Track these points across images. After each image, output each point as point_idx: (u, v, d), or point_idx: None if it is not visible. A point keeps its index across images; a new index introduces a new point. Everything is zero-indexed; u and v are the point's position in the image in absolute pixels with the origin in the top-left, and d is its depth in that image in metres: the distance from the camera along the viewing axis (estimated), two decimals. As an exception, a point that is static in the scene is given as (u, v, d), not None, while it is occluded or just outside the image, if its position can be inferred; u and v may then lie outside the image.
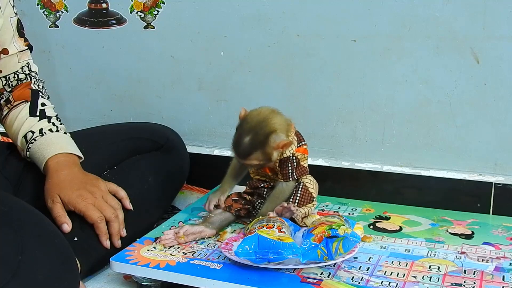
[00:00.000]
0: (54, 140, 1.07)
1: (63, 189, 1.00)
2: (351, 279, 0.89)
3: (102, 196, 1.02)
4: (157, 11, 1.43)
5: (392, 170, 1.29)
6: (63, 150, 1.05)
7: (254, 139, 0.99)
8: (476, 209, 1.22)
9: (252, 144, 0.99)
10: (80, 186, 1.02)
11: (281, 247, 0.88)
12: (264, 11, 1.32)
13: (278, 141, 1.00)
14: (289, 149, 1.04)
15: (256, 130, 0.99)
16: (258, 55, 1.35)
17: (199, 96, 1.43)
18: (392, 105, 1.27)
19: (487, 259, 0.97)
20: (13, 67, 1.11)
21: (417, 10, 1.20)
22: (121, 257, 0.98)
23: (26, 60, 1.13)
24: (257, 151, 1.00)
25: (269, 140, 0.99)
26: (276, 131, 1.00)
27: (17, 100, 1.10)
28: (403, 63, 1.24)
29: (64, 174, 1.02)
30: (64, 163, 1.04)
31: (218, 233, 1.06)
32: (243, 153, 1.00)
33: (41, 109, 1.10)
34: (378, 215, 1.19)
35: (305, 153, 1.07)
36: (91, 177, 1.05)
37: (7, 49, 1.09)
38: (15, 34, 1.10)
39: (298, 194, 1.06)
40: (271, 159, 1.02)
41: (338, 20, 1.27)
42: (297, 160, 1.05)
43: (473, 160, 1.23)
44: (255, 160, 1.01)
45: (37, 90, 1.12)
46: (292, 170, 1.05)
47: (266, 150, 1.00)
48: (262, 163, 1.02)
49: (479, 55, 1.19)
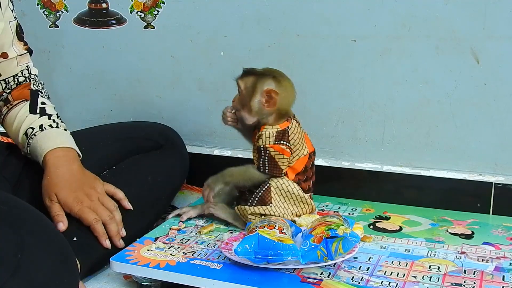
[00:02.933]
0: (54, 135, 1.06)
1: (60, 189, 1.00)
2: (351, 279, 0.89)
3: (98, 198, 1.01)
4: (157, 11, 1.43)
5: (392, 170, 1.29)
6: (63, 145, 1.05)
7: (258, 70, 1.07)
8: (476, 209, 1.22)
9: (254, 70, 1.07)
10: (77, 187, 1.01)
11: (281, 248, 0.88)
12: (264, 11, 1.32)
13: (268, 86, 1.04)
14: (263, 138, 1.05)
15: (265, 70, 1.07)
16: (258, 55, 1.34)
17: (199, 96, 1.43)
18: (392, 105, 1.27)
19: (487, 259, 0.97)
20: (12, 71, 1.11)
21: (417, 10, 1.20)
22: (121, 257, 0.98)
23: (25, 64, 1.13)
24: (252, 76, 1.06)
25: (264, 78, 1.05)
26: (273, 84, 1.04)
27: (16, 100, 1.10)
28: (403, 63, 1.24)
29: (62, 171, 1.02)
30: (64, 158, 1.04)
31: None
32: (244, 70, 1.08)
33: (41, 107, 1.10)
34: (378, 215, 1.19)
35: (280, 152, 1.04)
36: (89, 177, 1.05)
37: (6, 53, 1.09)
38: (14, 38, 1.10)
39: (260, 193, 1.06)
40: (251, 102, 1.04)
41: (338, 20, 1.27)
42: (269, 154, 1.05)
43: (473, 160, 1.23)
44: (243, 83, 1.06)
45: (36, 90, 1.12)
46: (264, 163, 1.05)
47: (256, 84, 1.04)
48: (244, 98, 1.06)
49: (479, 55, 1.19)
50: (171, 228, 1.10)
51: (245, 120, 1.07)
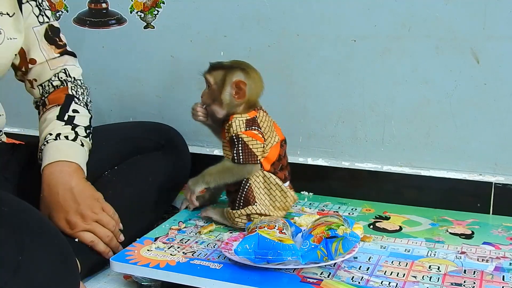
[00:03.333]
0: (64, 147, 1.03)
1: (52, 211, 0.98)
2: (351, 279, 0.89)
3: (96, 220, 0.98)
4: (157, 11, 1.43)
5: (392, 170, 1.29)
6: (65, 158, 1.01)
7: (225, 63, 1.10)
8: (476, 209, 1.22)
9: (221, 64, 1.10)
10: (70, 210, 0.97)
11: (281, 248, 0.88)
12: (264, 11, 1.32)
13: (237, 77, 1.06)
14: (233, 126, 1.06)
15: (233, 62, 1.10)
16: (258, 55, 1.34)
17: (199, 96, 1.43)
18: (392, 105, 1.27)
19: (487, 259, 0.97)
20: (46, 75, 1.11)
21: (417, 10, 1.20)
22: (121, 257, 0.98)
23: (61, 67, 1.12)
24: (220, 70, 1.08)
25: (233, 71, 1.07)
26: (242, 75, 1.07)
27: (51, 104, 1.10)
28: (403, 63, 1.24)
29: (55, 191, 0.98)
30: (60, 175, 0.99)
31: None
32: (211, 65, 1.10)
33: (71, 115, 1.07)
34: (378, 215, 1.19)
35: (253, 137, 1.05)
36: (88, 195, 1.00)
37: (34, 58, 1.09)
38: (42, 42, 1.10)
39: (243, 195, 1.07)
40: (221, 94, 1.06)
41: (338, 20, 1.27)
42: (242, 142, 1.05)
43: (473, 160, 1.23)
44: (212, 77, 1.08)
45: (72, 95, 1.10)
46: (238, 152, 1.05)
47: (226, 77, 1.07)
48: (214, 92, 1.08)
49: (479, 55, 1.19)
50: (171, 228, 1.10)
51: (216, 113, 1.09)
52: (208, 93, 1.10)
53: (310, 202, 1.27)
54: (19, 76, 1.13)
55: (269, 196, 1.08)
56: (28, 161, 1.10)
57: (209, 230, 1.08)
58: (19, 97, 1.17)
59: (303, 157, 1.36)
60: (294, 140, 1.36)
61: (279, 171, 1.10)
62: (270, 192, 1.08)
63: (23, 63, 1.09)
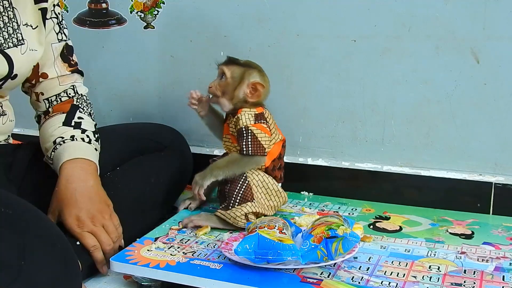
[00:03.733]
0: (82, 147, 1.04)
1: (64, 207, 0.98)
2: (351, 279, 0.89)
3: (103, 225, 0.98)
4: (157, 11, 1.43)
5: (392, 170, 1.29)
6: (85, 156, 1.02)
7: (242, 61, 1.13)
8: (476, 209, 1.22)
9: (239, 60, 1.12)
10: (83, 207, 0.98)
11: (281, 248, 0.88)
12: (264, 11, 1.32)
13: (254, 79, 1.09)
14: (243, 119, 1.07)
15: (248, 62, 1.13)
16: (258, 55, 1.34)
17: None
18: (392, 105, 1.27)
19: (487, 259, 0.97)
20: (54, 90, 1.11)
21: (417, 10, 1.20)
22: (121, 257, 0.98)
23: (70, 83, 1.13)
24: (237, 66, 1.11)
25: (251, 71, 1.10)
26: (259, 77, 1.10)
27: (55, 111, 1.10)
28: (403, 63, 1.24)
29: (72, 187, 0.99)
30: (80, 171, 1.00)
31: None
32: (229, 58, 1.13)
33: (77, 121, 1.08)
34: (378, 215, 1.19)
35: (262, 130, 1.08)
36: (101, 200, 1.01)
37: (46, 73, 1.10)
38: (58, 59, 1.11)
39: (241, 192, 1.07)
40: (236, 90, 1.08)
41: (338, 20, 1.27)
42: (252, 133, 1.06)
43: (473, 160, 1.23)
44: (230, 71, 1.10)
45: (77, 105, 1.12)
46: (247, 143, 1.06)
47: (242, 75, 1.10)
48: (228, 87, 1.10)
49: (479, 55, 1.18)
50: (171, 228, 1.10)
51: (222, 107, 1.11)
52: (220, 84, 1.11)
53: (310, 202, 1.27)
54: (26, 88, 1.14)
55: (265, 195, 1.10)
56: (31, 162, 1.10)
57: (204, 232, 1.07)
58: (19, 98, 1.17)
59: (303, 157, 1.36)
60: (294, 140, 1.36)
61: (277, 170, 1.12)
62: (267, 191, 1.10)
63: (34, 76, 1.10)
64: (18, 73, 1.03)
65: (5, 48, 1.01)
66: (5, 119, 1.09)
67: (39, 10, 1.06)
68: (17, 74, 1.03)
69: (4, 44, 1.01)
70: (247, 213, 1.07)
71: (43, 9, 1.07)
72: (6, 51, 1.01)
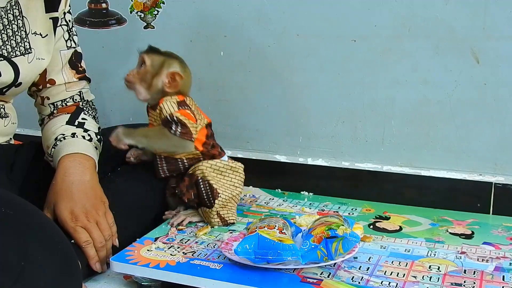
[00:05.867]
0: (81, 143, 1.04)
1: (59, 200, 0.98)
2: (351, 279, 0.89)
3: (96, 221, 0.97)
4: (157, 11, 1.43)
5: (392, 170, 1.29)
6: (85, 152, 1.02)
7: (164, 51, 1.11)
8: (476, 209, 1.22)
9: (160, 50, 1.11)
10: (78, 201, 0.97)
11: (281, 249, 0.88)
12: (264, 11, 1.32)
13: (174, 69, 1.08)
14: (166, 107, 1.06)
15: (170, 53, 1.12)
16: (258, 55, 1.35)
17: (199, 96, 1.42)
18: (392, 105, 1.27)
19: (487, 259, 0.97)
20: (60, 95, 1.12)
21: (417, 10, 1.20)
22: (121, 257, 0.98)
23: (77, 89, 1.13)
24: (158, 55, 1.09)
25: (172, 61, 1.09)
26: (179, 68, 1.09)
27: (59, 112, 1.11)
28: (403, 63, 1.24)
29: (69, 180, 0.99)
30: (78, 166, 1.00)
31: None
32: (150, 47, 1.11)
33: (80, 121, 1.09)
34: (378, 215, 1.19)
35: (187, 116, 1.06)
36: (96, 196, 1.00)
37: (53, 79, 1.11)
38: (66, 66, 1.12)
39: (207, 194, 1.07)
40: (154, 79, 1.07)
41: (338, 20, 1.27)
42: (178, 119, 1.05)
43: (473, 160, 1.23)
44: (150, 59, 1.09)
45: (82, 108, 1.12)
46: (176, 129, 1.05)
47: (162, 64, 1.08)
48: (147, 75, 1.08)
49: (479, 55, 1.18)
50: (171, 228, 1.10)
51: (138, 94, 1.10)
52: (139, 72, 1.10)
53: (310, 202, 1.27)
54: (32, 91, 1.14)
55: (225, 179, 1.10)
56: (32, 162, 1.10)
57: (204, 233, 1.08)
58: (19, 98, 1.17)
59: (303, 157, 1.36)
60: (294, 140, 1.36)
61: (212, 149, 1.11)
62: (223, 175, 1.10)
63: (42, 81, 1.11)
64: (23, 81, 1.04)
65: (12, 56, 1.01)
66: (7, 121, 1.09)
67: (50, 19, 1.07)
68: (22, 82, 1.04)
69: (12, 52, 1.01)
70: (219, 212, 1.09)
71: (55, 18, 1.07)
72: (13, 60, 1.01)
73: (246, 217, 1.17)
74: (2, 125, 1.08)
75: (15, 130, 1.14)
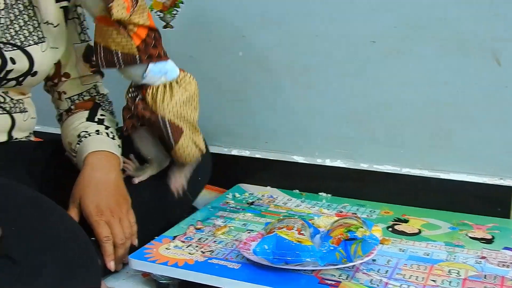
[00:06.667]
0: (106, 141, 1.05)
1: (86, 194, 0.99)
2: (369, 281, 0.89)
3: (119, 218, 0.98)
4: (176, 11, 1.43)
5: (411, 173, 1.28)
6: (110, 150, 1.04)
7: None
8: (497, 213, 1.20)
9: None
10: (104, 197, 0.99)
11: (300, 250, 0.88)
12: (283, 12, 1.32)
13: None
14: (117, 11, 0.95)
15: None
16: (276, 55, 1.34)
17: (218, 96, 1.43)
18: (413, 107, 1.26)
19: (507, 264, 0.95)
20: (76, 89, 1.13)
21: (425, 11, 1.19)
22: (140, 255, 0.98)
23: (92, 83, 1.14)
24: None
25: None
26: None
27: (78, 109, 1.12)
28: (423, 63, 1.22)
29: (96, 175, 1.00)
30: (105, 163, 1.02)
31: None
32: None
33: (100, 118, 1.10)
34: (396, 218, 1.18)
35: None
36: (121, 194, 1.02)
37: (68, 73, 1.12)
38: (80, 60, 1.12)
39: (169, 133, 1.04)
40: None
41: (355, 22, 1.25)
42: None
43: (494, 164, 1.22)
44: None
45: (99, 103, 1.13)
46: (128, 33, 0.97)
47: None
48: None
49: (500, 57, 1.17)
50: (189, 227, 1.10)
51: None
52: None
53: (328, 204, 1.26)
54: (48, 86, 1.15)
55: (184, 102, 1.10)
56: (52, 159, 1.11)
57: (223, 232, 1.08)
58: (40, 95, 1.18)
59: (321, 158, 1.36)
60: (312, 141, 1.36)
61: (152, 48, 1.06)
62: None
63: (57, 75, 1.12)
64: (39, 70, 1.04)
65: (25, 46, 1.02)
66: (26, 116, 1.10)
67: (61, 9, 1.07)
68: (37, 71, 1.04)
69: (25, 42, 1.02)
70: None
71: (65, 8, 1.08)
72: (26, 49, 1.02)
73: (264, 217, 1.17)
74: (22, 120, 1.09)
75: (34, 126, 1.15)
